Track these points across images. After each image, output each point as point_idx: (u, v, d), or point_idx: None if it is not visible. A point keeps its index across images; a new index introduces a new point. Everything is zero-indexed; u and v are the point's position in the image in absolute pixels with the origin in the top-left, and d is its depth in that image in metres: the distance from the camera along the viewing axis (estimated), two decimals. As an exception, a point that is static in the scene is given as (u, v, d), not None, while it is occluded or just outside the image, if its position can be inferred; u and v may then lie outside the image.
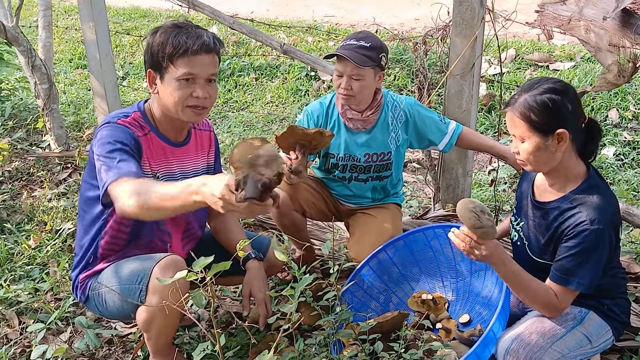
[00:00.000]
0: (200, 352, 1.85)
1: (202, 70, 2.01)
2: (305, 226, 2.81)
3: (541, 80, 1.91)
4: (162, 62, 2.00)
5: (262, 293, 2.24)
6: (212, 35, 2.04)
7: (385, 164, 2.69)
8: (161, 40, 2.00)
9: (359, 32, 2.56)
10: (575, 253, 1.85)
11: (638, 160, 4.10)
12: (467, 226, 1.84)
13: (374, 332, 2.05)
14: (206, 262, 1.60)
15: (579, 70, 5.23)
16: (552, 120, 1.85)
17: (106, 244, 2.13)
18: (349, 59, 2.42)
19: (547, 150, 1.88)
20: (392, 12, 7.74)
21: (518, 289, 1.92)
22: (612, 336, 2.03)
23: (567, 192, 1.94)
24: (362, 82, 2.49)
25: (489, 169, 4.14)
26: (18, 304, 2.68)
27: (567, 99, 1.86)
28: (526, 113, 1.86)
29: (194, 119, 2.08)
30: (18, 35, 3.84)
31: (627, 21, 2.33)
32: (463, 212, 1.84)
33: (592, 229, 1.83)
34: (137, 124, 2.08)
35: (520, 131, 1.89)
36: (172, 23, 2.04)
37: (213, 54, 2.03)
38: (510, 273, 1.90)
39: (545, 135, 1.86)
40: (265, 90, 5.65)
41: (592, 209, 1.85)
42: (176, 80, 2.00)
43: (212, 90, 2.07)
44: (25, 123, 4.55)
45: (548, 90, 1.86)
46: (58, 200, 3.58)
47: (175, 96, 2.01)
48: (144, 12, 8.05)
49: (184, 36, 1.98)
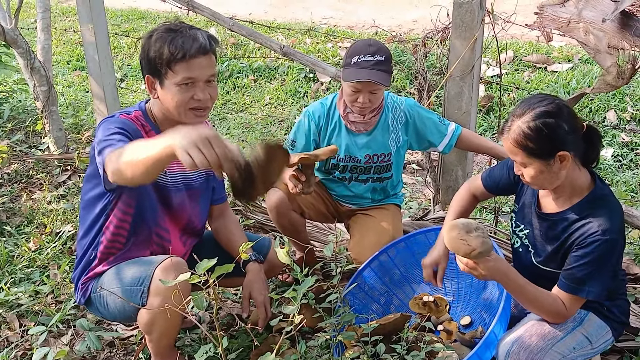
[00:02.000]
0: (203, 355, 1.85)
1: (201, 73, 2.00)
2: (305, 227, 2.81)
3: (532, 102, 1.85)
4: (161, 68, 1.99)
5: (262, 295, 2.25)
6: (207, 35, 2.03)
7: (385, 165, 2.69)
8: (157, 47, 1.99)
9: (367, 44, 2.50)
10: (586, 262, 1.84)
11: (636, 162, 4.11)
12: (459, 255, 1.83)
13: (376, 334, 2.05)
14: (209, 264, 1.60)
15: (577, 71, 5.24)
16: (550, 145, 1.81)
17: (107, 241, 2.14)
18: (375, 82, 2.43)
19: (550, 172, 1.85)
20: (390, 13, 7.74)
21: (524, 301, 1.91)
22: (612, 337, 2.03)
23: (574, 203, 1.93)
24: (379, 94, 2.52)
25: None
26: (19, 307, 2.68)
27: (561, 119, 1.81)
28: (522, 142, 1.82)
29: (196, 120, 2.07)
30: (17, 37, 3.84)
31: (626, 23, 2.34)
32: (450, 243, 1.82)
33: (604, 239, 1.82)
34: (139, 122, 2.09)
35: (520, 158, 1.86)
36: (166, 27, 2.03)
37: (210, 55, 2.03)
38: (517, 287, 1.89)
39: (546, 159, 1.83)
40: (264, 92, 5.65)
41: (602, 219, 1.84)
42: (176, 85, 1.99)
43: (212, 90, 2.07)
44: (24, 125, 4.55)
45: (540, 114, 1.80)
46: (58, 202, 3.58)
47: (177, 100, 2.01)
48: (142, 14, 8.04)
49: (180, 40, 1.97)
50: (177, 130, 1.59)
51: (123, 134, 1.96)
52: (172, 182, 2.18)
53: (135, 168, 1.69)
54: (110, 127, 1.98)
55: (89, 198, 2.16)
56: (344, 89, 2.55)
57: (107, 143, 1.90)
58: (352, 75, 2.45)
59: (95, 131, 2.07)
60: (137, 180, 1.73)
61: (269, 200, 2.63)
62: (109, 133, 1.95)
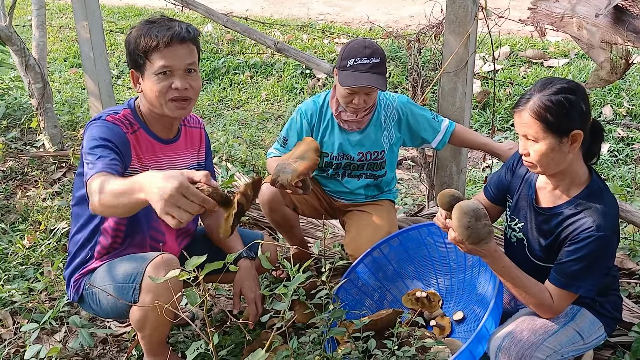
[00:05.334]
0: (194, 352, 1.85)
1: (178, 62, 2.00)
2: (298, 222, 2.81)
3: (553, 80, 1.86)
4: (139, 59, 2.01)
5: (253, 292, 2.25)
6: (185, 25, 2.03)
7: (379, 162, 2.69)
8: (135, 39, 2.01)
9: (363, 45, 2.48)
10: (578, 258, 1.84)
11: (632, 157, 4.11)
12: (465, 242, 1.83)
13: (368, 330, 2.05)
14: (198, 261, 1.60)
15: (573, 67, 5.24)
16: (568, 121, 1.81)
17: (105, 241, 2.14)
18: (372, 86, 2.42)
19: (560, 152, 1.84)
20: (387, 9, 7.74)
21: (510, 284, 1.92)
22: (604, 332, 2.03)
23: (571, 197, 1.92)
24: (374, 95, 2.52)
25: (483, 166, 4.14)
26: (12, 304, 2.67)
27: (580, 99, 1.82)
28: (542, 113, 1.81)
29: (179, 113, 2.07)
30: (11, 35, 3.83)
31: (619, 18, 2.33)
32: (459, 229, 1.82)
33: (597, 236, 1.81)
34: (127, 120, 2.09)
35: (533, 132, 1.83)
36: (145, 20, 2.05)
37: (188, 43, 2.02)
38: (504, 268, 1.90)
39: (560, 136, 1.81)
40: (260, 88, 5.65)
41: (597, 214, 1.84)
42: (154, 74, 2.00)
43: (193, 81, 2.05)
44: (20, 122, 4.54)
45: (562, 90, 1.81)
46: (52, 199, 3.57)
47: (155, 90, 2.01)
48: (139, 11, 8.04)
49: (155, 30, 1.98)
50: (148, 179, 1.56)
51: (105, 147, 1.95)
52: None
53: (111, 210, 1.75)
54: (94, 136, 1.97)
55: (81, 195, 2.15)
56: (338, 90, 2.54)
57: (90, 159, 1.90)
58: (350, 80, 2.44)
59: (84, 131, 2.07)
60: (112, 215, 1.85)
61: (262, 196, 2.62)
62: (92, 146, 1.94)
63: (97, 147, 1.94)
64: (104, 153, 1.92)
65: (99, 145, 1.94)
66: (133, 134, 2.08)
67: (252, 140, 4.64)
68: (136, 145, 2.09)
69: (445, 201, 1.92)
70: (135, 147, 2.08)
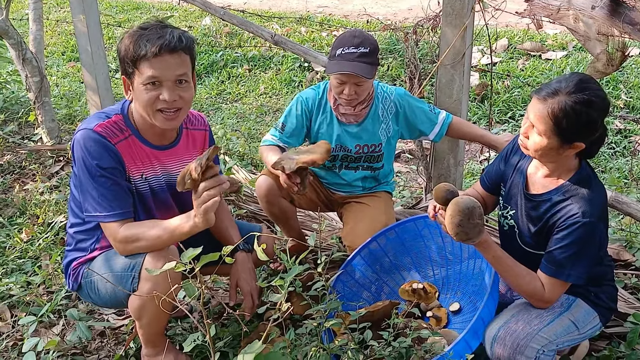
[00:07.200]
0: (191, 343, 1.86)
1: (166, 73, 1.93)
2: (295, 214, 2.81)
3: (589, 87, 1.80)
4: (129, 68, 1.96)
5: (249, 285, 2.25)
6: (177, 34, 1.95)
7: (376, 155, 2.69)
8: (126, 46, 1.95)
9: (352, 35, 2.48)
10: (566, 245, 1.86)
11: (629, 149, 4.12)
12: (453, 237, 1.88)
13: (365, 321, 2.06)
14: (194, 253, 1.61)
15: (571, 59, 5.24)
16: (579, 133, 1.81)
17: (106, 241, 2.13)
18: (357, 75, 2.41)
19: (557, 152, 1.86)
20: (385, 1, 7.73)
21: (502, 273, 1.94)
22: (599, 323, 2.04)
23: (559, 184, 1.93)
24: (365, 86, 2.50)
25: (480, 158, 4.15)
26: (10, 298, 2.68)
27: (600, 116, 1.81)
28: (559, 117, 1.79)
29: (168, 124, 2.01)
30: (8, 28, 3.83)
31: (616, 10, 2.33)
32: (450, 226, 1.86)
33: (583, 222, 1.83)
34: (117, 127, 2.04)
35: (542, 127, 1.83)
36: (138, 26, 1.99)
37: (179, 53, 1.94)
38: (496, 258, 1.92)
39: (563, 141, 1.83)
40: (258, 81, 5.64)
41: (584, 201, 1.85)
42: (142, 85, 1.94)
43: (184, 91, 1.98)
44: (17, 116, 4.54)
45: (589, 103, 1.77)
46: (50, 193, 3.58)
47: (142, 101, 1.96)
48: (137, 5, 8.01)
49: (145, 39, 1.91)
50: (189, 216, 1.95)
51: (104, 177, 1.99)
52: (157, 185, 2.15)
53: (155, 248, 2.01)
54: (86, 163, 1.98)
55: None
56: (330, 81, 2.54)
57: (91, 192, 2.01)
58: (335, 67, 2.44)
59: (72, 141, 2.03)
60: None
61: (259, 188, 2.63)
62: (88, 177, 1.99)
63: (95, 178, 1.98)
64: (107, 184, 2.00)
65: (96, 176, 1.98)
66: (124, 140, 2.04)
67: (250, 133, 4.64)
68: (128, 153, 2.05)
69: (440, 196, 1.94)
70: (126, 155, 2.04)
